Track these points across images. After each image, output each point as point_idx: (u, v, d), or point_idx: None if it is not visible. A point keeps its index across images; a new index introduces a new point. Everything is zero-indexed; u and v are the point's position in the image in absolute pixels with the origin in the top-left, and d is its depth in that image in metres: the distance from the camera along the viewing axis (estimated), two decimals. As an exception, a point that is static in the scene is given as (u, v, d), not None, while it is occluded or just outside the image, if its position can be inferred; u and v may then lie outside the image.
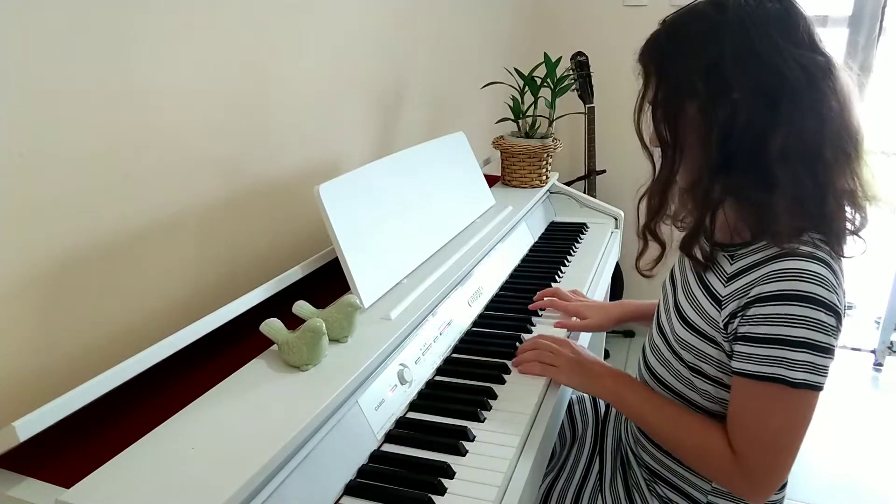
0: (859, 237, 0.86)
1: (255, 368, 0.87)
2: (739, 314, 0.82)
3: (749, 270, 0.83)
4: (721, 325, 0.86)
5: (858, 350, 2.73)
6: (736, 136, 0.82)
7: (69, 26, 0.81)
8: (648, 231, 0.94)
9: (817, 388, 0.79)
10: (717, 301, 0.87)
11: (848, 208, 0.84)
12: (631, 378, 1.01)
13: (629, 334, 2.85)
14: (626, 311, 1.25)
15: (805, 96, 0.80)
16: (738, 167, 0.83)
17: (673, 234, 0.94)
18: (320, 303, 0.99)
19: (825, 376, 0.79)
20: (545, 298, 1.28)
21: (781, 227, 0.81)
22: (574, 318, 1.24)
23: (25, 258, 0.80)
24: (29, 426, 0.65)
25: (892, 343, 2.67)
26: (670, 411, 0.93)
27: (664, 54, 0.88)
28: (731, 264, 0.87)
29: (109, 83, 0.88)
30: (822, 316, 0.77)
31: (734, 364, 0.83)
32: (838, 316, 0.78)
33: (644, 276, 0.98)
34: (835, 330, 0.78)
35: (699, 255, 0.90)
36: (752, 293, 0.81)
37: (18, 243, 0.79)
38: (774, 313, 0.78)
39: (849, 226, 0.85)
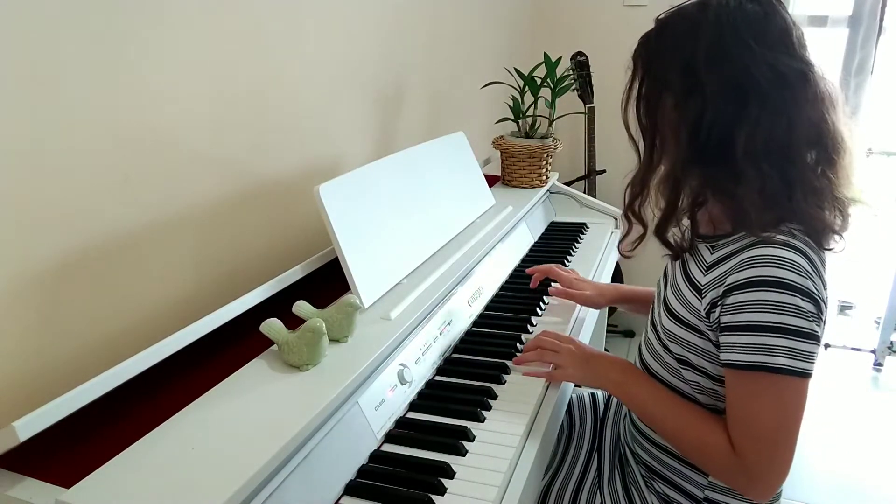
0: (838, 234, 0.88)
1: (255, 368, 0.87)
2: (719, 303, 0.84)
3: (727, 259, 0.85)
4: (703, 313, 0.88)
5: (858, 350, 2.73)
6: (705, 130, 0.85)
7: (69, 26, 0.81)
8: (631, 212, 0.98)
9: (803, 374, 0.79)
10: (698, 290, 0.89)
11: (826, 209, 0.86)
12: (636, 370, 1.02)
13: (629, 334, 2.85)
14: (620, 292, 1.29)
15: (774, 97, 0.83)
16: (710, 160, 0.87)
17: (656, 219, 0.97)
18: (320, 303, 0.99)
19: (811, 363, 0.79)
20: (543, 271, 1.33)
21: (754, 218, 0.83)
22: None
23: (25, 258, 0.80)
24: (29, 426, 0.65)
25: (892, 343, 2.67)
26: (674, 405, 0.93)
27: (650, 50, 0.93)
28: (712, 254, 0.89)
29: (109, 83, 0.88)
30: (799, 301, 0.78)
31: (721, 356, 0.85)
32: (816, 302, 0.79)
33: (624, 256, 1.01)
34: (814, 316, 0.79)
35: (672, 242, 0.94)
36: (728, 281, 0.83)
37: (18, 243, 0.79)
38: (750, 300, 0.80)
39: (825, 224, 0.86)
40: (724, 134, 0.84)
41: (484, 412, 0.95)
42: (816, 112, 0.85)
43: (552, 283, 1.37)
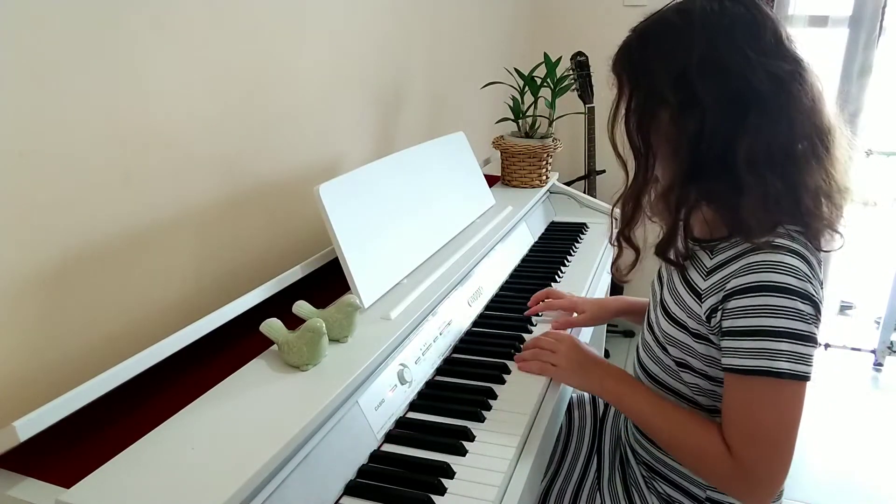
0: (837, 232, 0.87)
1: (255, 368, 0.87)
2: (720, 308, 0.84)
3: (727, 264, 0.85)
4: (703, 318, 0.87)
5: (858, 350, 2.73)
6: (705, 143, 0.83)
7: (69, 26, 0.81)
8: (623, 238, 0.95)
9: (803, 377, 0.79)
10: (698, 294, 0.88)
11: (824, 205, 0.85)
12: (632, 378, 1.01)
13: (629, 334, 2.85)
14: (622, 305, 1.26)
15: (773, 102, 0.81)
16: (708, 173, 0.84)
17: (647, 238, 0.95)
18: (320, 303, 0.99)
19: (810, 365, 0.79)
20: (541, 302, 1.27)
21: (753, 225, 0.82)
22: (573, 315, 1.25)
23: (25, 258, 0.80)
24: (29, 426, 0.65)
25: (892, 343, 2.67)
26: (671, 414, 0.92)
27: (634, 63, 0.89)
28: (711, 259, 0.88)
29: (109, 83, 0.88)
30: (799, 304, 0.78)
31: (723, 360, 0.84)
32: (815, 305, 0.79)
33: (621, 281, 0.98)
34: (813, 318, 0.79)
35: (674, 258, 0.92)
36: (729, 286, 0.82)
37: (18, 243, 0.79)
38: (751, 305, 0.80)
39: (825, 221, 0.85)
40: (725, 145, 0.82)
41: (484, 412, 0.95)
42: (813, 109, 0.84)
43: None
